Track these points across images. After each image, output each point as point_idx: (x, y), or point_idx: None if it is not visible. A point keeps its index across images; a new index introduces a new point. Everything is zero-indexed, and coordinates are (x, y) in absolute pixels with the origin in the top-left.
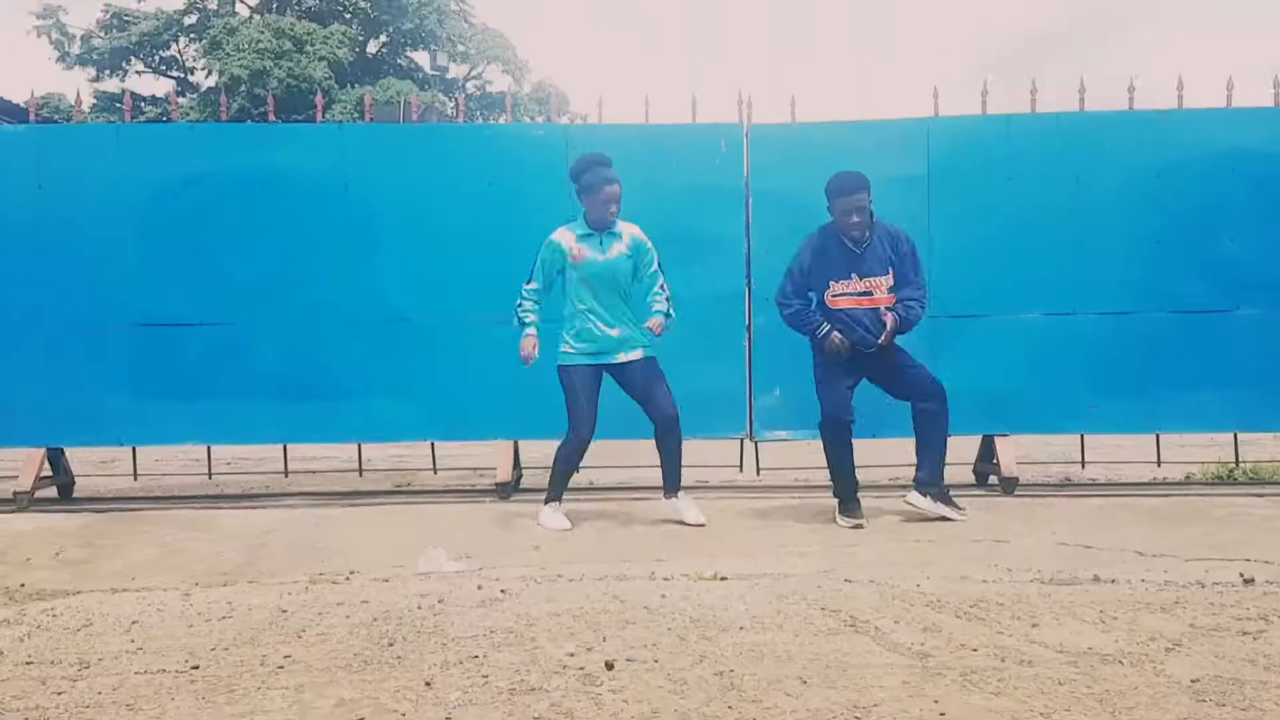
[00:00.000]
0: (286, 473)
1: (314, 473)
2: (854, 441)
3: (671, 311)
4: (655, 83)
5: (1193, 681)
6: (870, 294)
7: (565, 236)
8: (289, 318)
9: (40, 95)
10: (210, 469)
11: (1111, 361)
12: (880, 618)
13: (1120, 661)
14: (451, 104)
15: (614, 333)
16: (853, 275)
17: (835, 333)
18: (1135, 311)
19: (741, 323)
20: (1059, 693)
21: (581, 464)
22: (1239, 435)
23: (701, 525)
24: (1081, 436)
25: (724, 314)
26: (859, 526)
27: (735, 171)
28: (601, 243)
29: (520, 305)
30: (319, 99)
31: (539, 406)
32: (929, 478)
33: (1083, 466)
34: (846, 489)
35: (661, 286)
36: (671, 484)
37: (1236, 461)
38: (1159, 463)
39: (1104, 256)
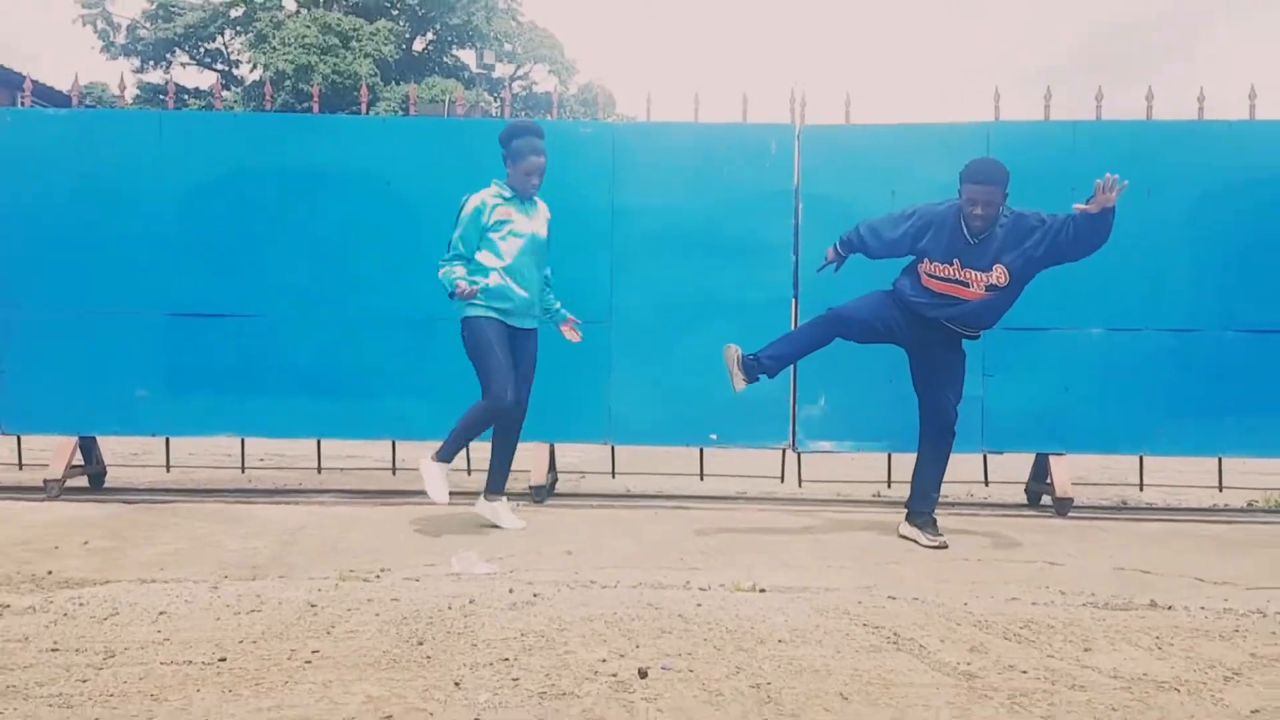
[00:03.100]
0: (319, 469)
1: (347, 470)
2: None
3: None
4: (706, 79)
5: (1253, 712)
6: (966, 285)
7: (489, 198)
8: (326, 312)
9: (84, 85)
10: (244, 463)
11: (1176, 381)
12: (925, 636)
13: (1177, 689)
14: (496, 103)
15: (525, 295)
16: (954, 261)
17: (831, 249)
18: (1202, 330)
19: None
20: (1112, 719)
21: (617, 471)
22: None
23: (522, 528)
24: (1140, 458)
25: (770, 321)
26: None
27: (786, 174)
28: (525, 209)
29: (451, 272)
30: (364, 93)
31: (574, 410)
32: (927, 508)
33: (1141, 489)
34: None
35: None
36: (496, 487)
37: None
38: (1220, 488)
39: (1171, 271)
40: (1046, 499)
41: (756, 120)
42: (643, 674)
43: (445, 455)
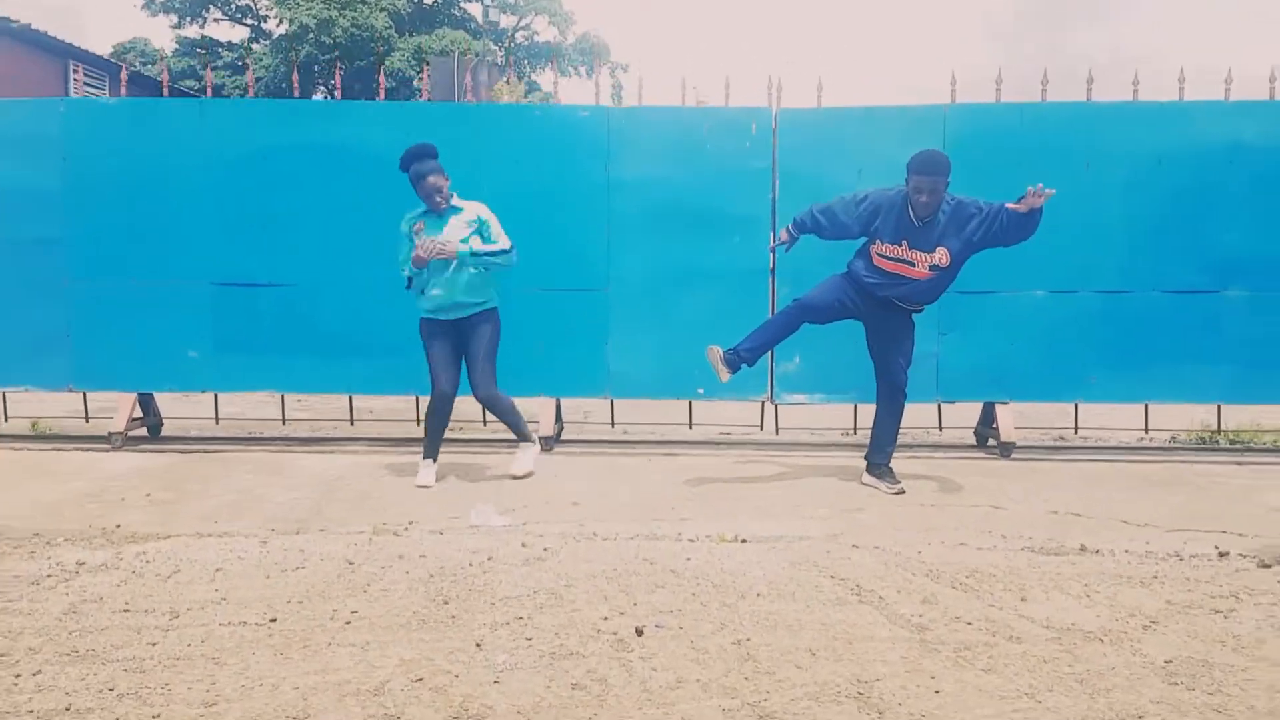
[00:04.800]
0: (352, 421)
1: (377, 420)
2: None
3: (490, 253)
4: (692, 60)
5: (1166, 663)
6: (913, 265)
7: (408, 218)
8: (353, 280)
9: (127, 40)
10: (284, 414)
11: (1109, 336)
12: (884, 587)
13: (1101, 640)
14: (501, 52)
15: (445, 295)
16: (903, 242)
17: (785, 231)
18: (1133, 291)
19: (766, 296)
20: (1043, 671)
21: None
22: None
23: (528, 475)
24: (1076, 404)
25: (750, 287)
26: None
27: (764, 153)
28: (441, 217)
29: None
30: (379, 50)
31: (577, 368)
32: (883, 459)
33: (1075, 431)
34: None
35: (501, 246)
36: (521, 436)
37: (1219, 428)
38: (1146, 430)
39: (1104, 239)
40: (993, 441)
41: (738, 104)
42: (639, 632)
43: (428, 453)
